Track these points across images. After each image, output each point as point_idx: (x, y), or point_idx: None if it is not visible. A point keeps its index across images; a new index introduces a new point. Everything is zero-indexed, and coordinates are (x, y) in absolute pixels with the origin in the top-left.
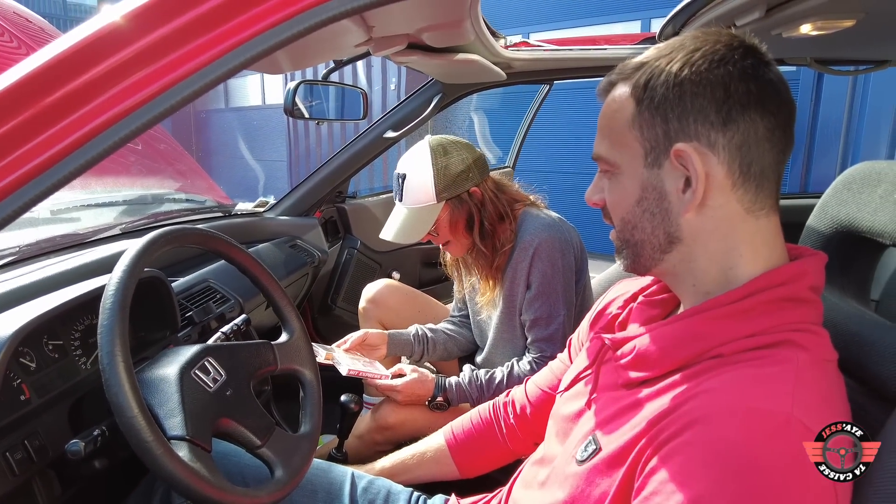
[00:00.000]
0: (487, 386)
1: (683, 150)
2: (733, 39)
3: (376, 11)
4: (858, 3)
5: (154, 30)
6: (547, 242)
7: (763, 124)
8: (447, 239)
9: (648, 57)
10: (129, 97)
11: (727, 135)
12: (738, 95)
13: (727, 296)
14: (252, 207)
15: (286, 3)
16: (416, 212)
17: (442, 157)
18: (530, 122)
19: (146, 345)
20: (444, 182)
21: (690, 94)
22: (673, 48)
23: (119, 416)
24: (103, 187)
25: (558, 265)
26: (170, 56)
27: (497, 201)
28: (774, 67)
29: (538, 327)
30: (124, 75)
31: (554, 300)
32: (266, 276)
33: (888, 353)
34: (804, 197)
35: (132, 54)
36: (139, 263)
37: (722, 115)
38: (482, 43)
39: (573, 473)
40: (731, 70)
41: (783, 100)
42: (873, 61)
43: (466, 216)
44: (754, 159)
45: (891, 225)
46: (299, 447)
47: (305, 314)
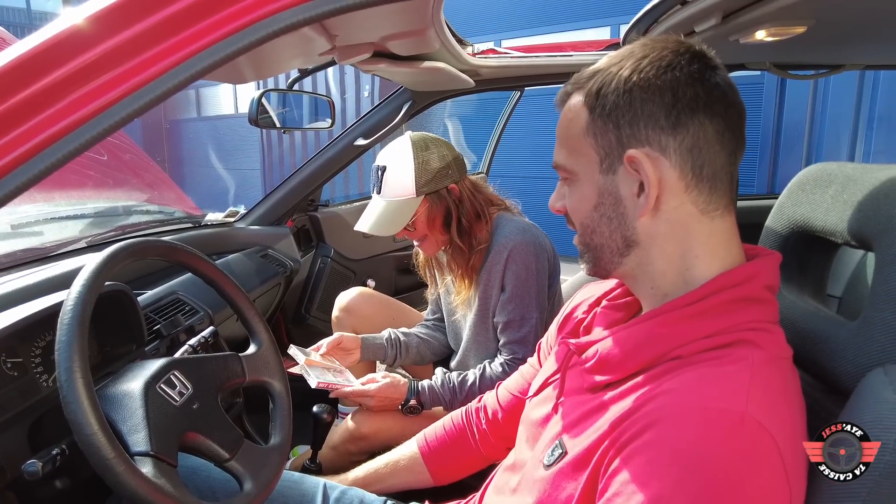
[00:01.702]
0: (460, 388)
1: (635, 156)
2: (680, 46)
3: (339, 20)
4: (808, 11)
5: (111, 37)
6: (521, 246)
7: (712, 126)
8: (423, 235)
9: (601, 65)
10: (89, 103)
11: (677, 138)
12: (686, 99)
13: (685, 297)
14: (222, 218)
15: (243, 12)
16: (395, 204)
17: (423, 151)
18: (502, 128)
19: (111, 360)
20: (424, 176)
21: (640, 99)
22: (623, 56)
23: (78, 434)
24: (67, 200)
25: (532, 269)
26: (124, 65)
27: (474, 200)
28: (722, 72)
29: (510, 329)
30: (84, 80)
31: (527, 303)
32: (232, 287)
33: (840, 349)
34: (767, 198)
35: (91, 59)
36: (99, 278)
37: (671, 119)
38: (448, 51)
39: (541, 478)
40: (678, 75)
41: (731, 102)
42: (829, 66)
43: (444, 212)
44: (706, 161)
45: (841, 224)
46: (269, 460)
47: (279, 324)
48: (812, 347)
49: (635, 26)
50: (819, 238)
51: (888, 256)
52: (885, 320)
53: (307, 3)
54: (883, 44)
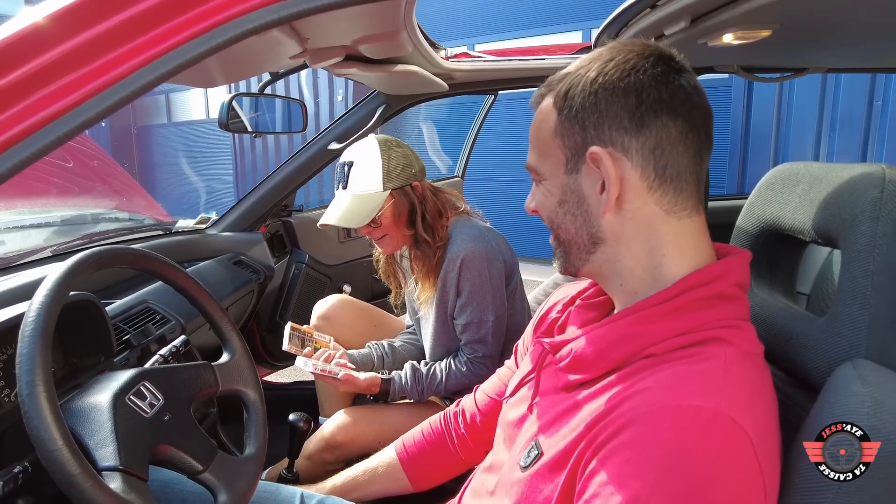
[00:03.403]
0: (429, 383)
1: (596, 153)
2: (646, 49)
3: (309, 23)
4: (773, 15)
5: (73, 36)
6: (473, 253)
7: (675, 128)
8: (386, 232)
9: (571, 69)
10: (48, 106)
11: (640, 139)
12: (649, 101)
13: (657, 296)
14: (193, 224)
15: (211, 12)
16: (362, 198)
17: (388, 149)
18: (477, 132)
19: (78, 372)
20: (391, 172)
21: (604, 101)
22: (591, 59)
23: (41, 451)
24: (31, 208)
25: (485, 274)
26: (87, 66)
27: (435, 199)
28: (688, 74)
29: (469, 331)
30: (44, 82)
31: (483, 307)
32: (203, 295)
33: (810, 345)
34: (738, 198)
35: (51, 60)
36: (62, 288)
37: (635, 120)
38: (421, 54)
39: (518, 480)
40: (641, 77)
41: (695, 104)
42: (793, 69)
43: (409, 208)
44: (669, 162)
45: (808, 223)
46: (244, 470)
47: (253, 332)
48: (783, 344)
49: (606, 30)
50: (788, 236)
51: (853, 253)
52: (852, 316)
53: (277, 3)
54: (843, 48)
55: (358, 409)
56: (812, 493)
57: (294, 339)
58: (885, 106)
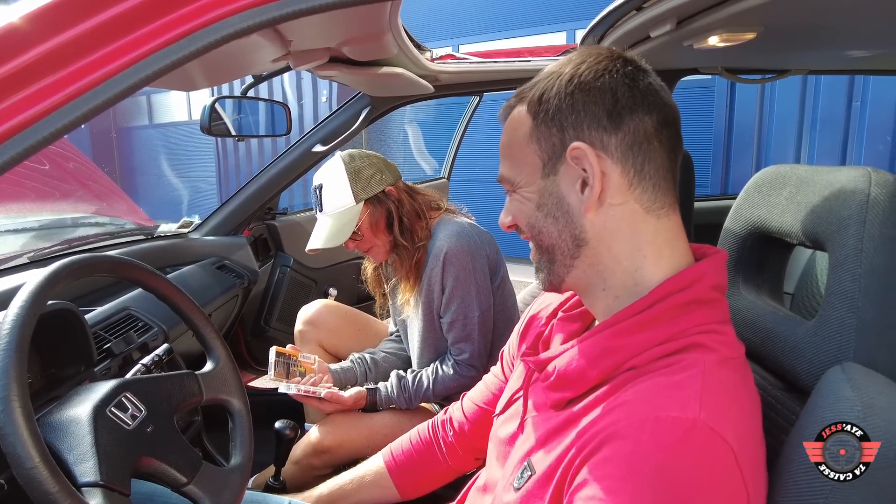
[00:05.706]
0: (415, 391)
1: (579, 148)
2: (612, 52)
3: (293, 25)
4: (757, 18)
5: (51, 37)
6: (455, 249)
7: (651, 124)
8: (371, 243)
9: (540, 76)
10: (25, 110)
11: (618, 136)
12: (624, 99)
13: (635, 305)
14: (176, 229)
15: (193, 14)
16: (339, 216)
17: (352, 163)
18: (462, 134)
19: (57, 383)
20: (360, 183)
21: (582, 101)
22: (561, 64)
23: (17, 468)
24: (6, 213)
25: (469, 269)
26: (65, 69)
27: (412, 201)
28: (653, 75)
29: (455, 329)
30: (20, 85)
31: (468, 303)
32: (186, 302)
33: (798, 348)
34: (725, 198)
35: (28, 62)
36: (39, 298)
37: (613, 118)
38: (406, 56)
39: (511, 501)
40: (615, 77)
41: (664, 102)
42: (776, 70)
43: (386, 214)
44: (646, 158)
45: (796, 225)
46: (229, 481)
47: (237, 338)
48: (771, 346)
49: (592, 32)
50: (775, 239)
51: (841, 257)
52: (841, 319)
53: (259, 6)
54: (824, 50)
55: (345, 414)
56: (803, 497)
57: (279, 365)
58: (864, 106)
